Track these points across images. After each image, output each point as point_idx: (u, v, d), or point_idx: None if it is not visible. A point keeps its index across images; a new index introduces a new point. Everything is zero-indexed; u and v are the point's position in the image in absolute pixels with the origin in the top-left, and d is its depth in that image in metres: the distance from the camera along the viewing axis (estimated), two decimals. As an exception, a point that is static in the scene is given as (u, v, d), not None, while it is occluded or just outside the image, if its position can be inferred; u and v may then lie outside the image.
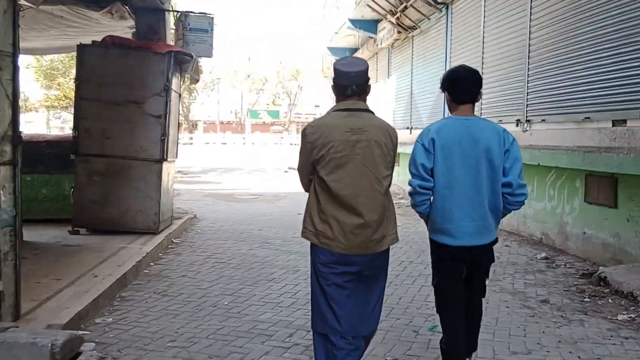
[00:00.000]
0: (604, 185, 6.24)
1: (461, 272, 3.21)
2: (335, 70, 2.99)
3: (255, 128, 55.43)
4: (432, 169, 3.12)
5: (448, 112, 3.38)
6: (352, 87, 2.95)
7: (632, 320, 4.53)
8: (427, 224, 3.31)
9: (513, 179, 3.09)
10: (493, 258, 3.34)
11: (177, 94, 7.88)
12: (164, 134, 7.17)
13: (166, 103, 7.18)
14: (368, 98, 3.08)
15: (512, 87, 8.49)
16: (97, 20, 7.88)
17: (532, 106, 7.95)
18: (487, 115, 8.48)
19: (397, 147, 3.03)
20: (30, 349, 3.10)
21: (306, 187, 3.10)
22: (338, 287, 2.98)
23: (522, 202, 3.19)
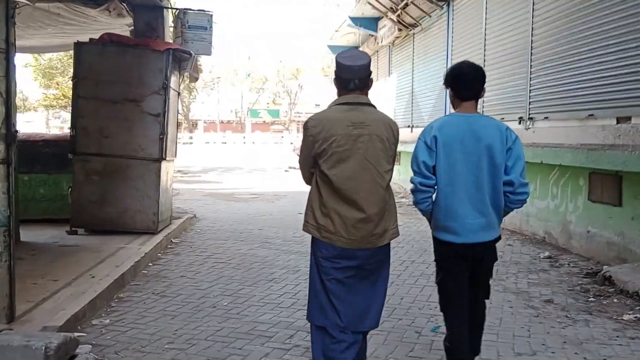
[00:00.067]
0: (608, 183, 6.16)
1: (465, 269, 3.19)
2: (338, 64, 2.95)
3: (255, 127, 55.39)
4: (434, 167, 3.10)
5: (449, 110, 3.34)
6: (355, 81, 2.92)
7: (638, 320, 4.46)
8: (429, 221, 3.29)
9: (515, 178, 3.06)
10: (496, 256, 3.31)
11: (175, 92, 7.80)
12: (163, 133, 7.09)
13: (165, 101, 7.10)
14: (369, 94, 3.04)
15: (515, 84, 8.41)
16: (94, 18, 7.82)
17: (534, 103, 7.87)
18: (489, 113, 8.40)
19: (398, 142, 3.00)
20: (23, 351, 3.03)
21: (307, 180, 3.09)
22: (339, 282, 2.98)
23: (524, 201, 3.16)
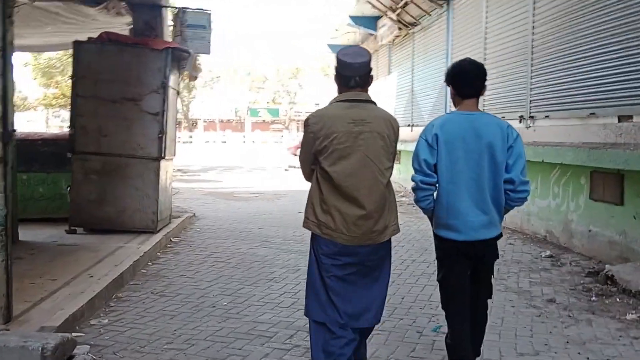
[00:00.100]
0: (610, 182, 6.12)
1: (466, 267, 3.18)
2: (339, 61, 2.94)
3: (255, 126, 55.33)
4: (436, 165, 3.09)
5: (450, 109, 3.32)
6: (356, 78, 2.91)
7: (641, 319, 4.43)
8: (430, 219, 3.28)
9: (515, 176, 3.05)
10: (497, 253, 3.30)
11: (175, 91, 7.77)
12: (162, 132, 7.05)
13: (164, 100, 7.06)
14: (369, 91, 3.04)
15: (515, 83, 8.37)
16: (93, 17, 7.79)
17: (535, 102, 7.84)
18: (490, 112, 8.35)
19: (399, 138, 3.00)
20: (20, 352, 3.00)
21: (308, 176, 3.09)
22: (339, 279, 2.97)
23: (525, 199, 3.16)
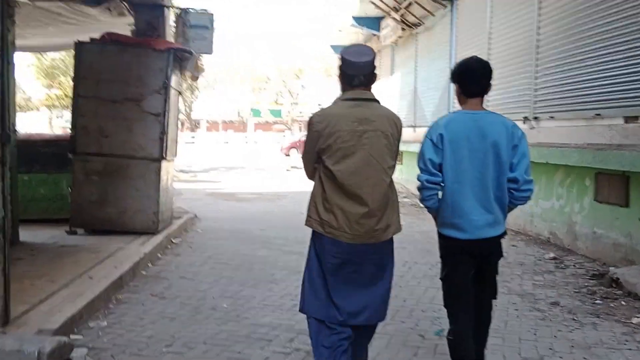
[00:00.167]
0: (615, 184, 6.06)
1: (470, 265, 3.16)
2: (343, 59, 2.92)
3: (257, 127, 55.36)
4: (441, 164, 3.08)
5: (453, 110, 3.30)
6: (360, 77, 2.90)
7: (647, 323, 4.37)
8: (435, 218, 3.27)
9: (519, 175, 3.05)
10: (502, 252, 3.28)
11: (176, 91, 7.72)
12: (163, 132, 7.01)
13: (165, 101, 7.01)
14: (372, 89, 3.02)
15: (520, 83, 8.31)
16: (95, 17, 7.75)
17: (540, 103, 7.77)
18: (493, 113, 8.30)
19: (401, 136, 3.00)
20: (16, 356, 2.96)
21: (310, 175, 3.08)
22: (340, 277, 2.96)
23: (528, 198, 3.15)
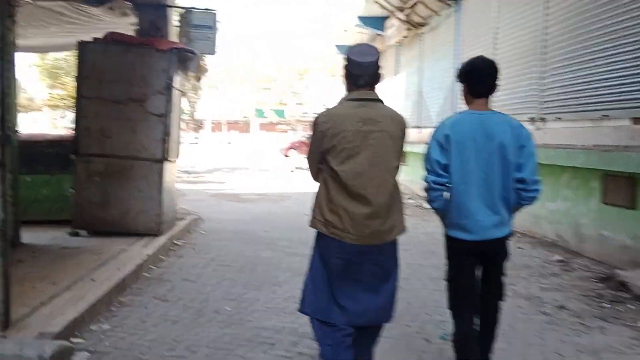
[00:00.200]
0: (622, 186, 5.99)
1: (476, 267, 3.14)
2: (348, 60, 2.90)
3: (261, 127, 55.33)
4: (448, 165, 3.05)
5: (458, 110, 3.27)
6: (365, 77, 2.88)
7: (656, 328, 4.30)
8: (442, 219, 3.24)
9: (527, 175, 3.03)
10: (508, 253, 3.25)
11: (179, 91, 7.69)
12: (166, 133, 6.98)
13: (168, 101, 6.98)
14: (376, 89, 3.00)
15: (526, 84, 8.24)
16: (98, 17, 7.72)
17: (546, 104, 7.70)
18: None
19: (405, 135, 2.98)
20: (16, 361, 2.92)
21: (315, 175, 3.06)
22: (344, 278, 2.94)
23: (536, 198, 3.13)
